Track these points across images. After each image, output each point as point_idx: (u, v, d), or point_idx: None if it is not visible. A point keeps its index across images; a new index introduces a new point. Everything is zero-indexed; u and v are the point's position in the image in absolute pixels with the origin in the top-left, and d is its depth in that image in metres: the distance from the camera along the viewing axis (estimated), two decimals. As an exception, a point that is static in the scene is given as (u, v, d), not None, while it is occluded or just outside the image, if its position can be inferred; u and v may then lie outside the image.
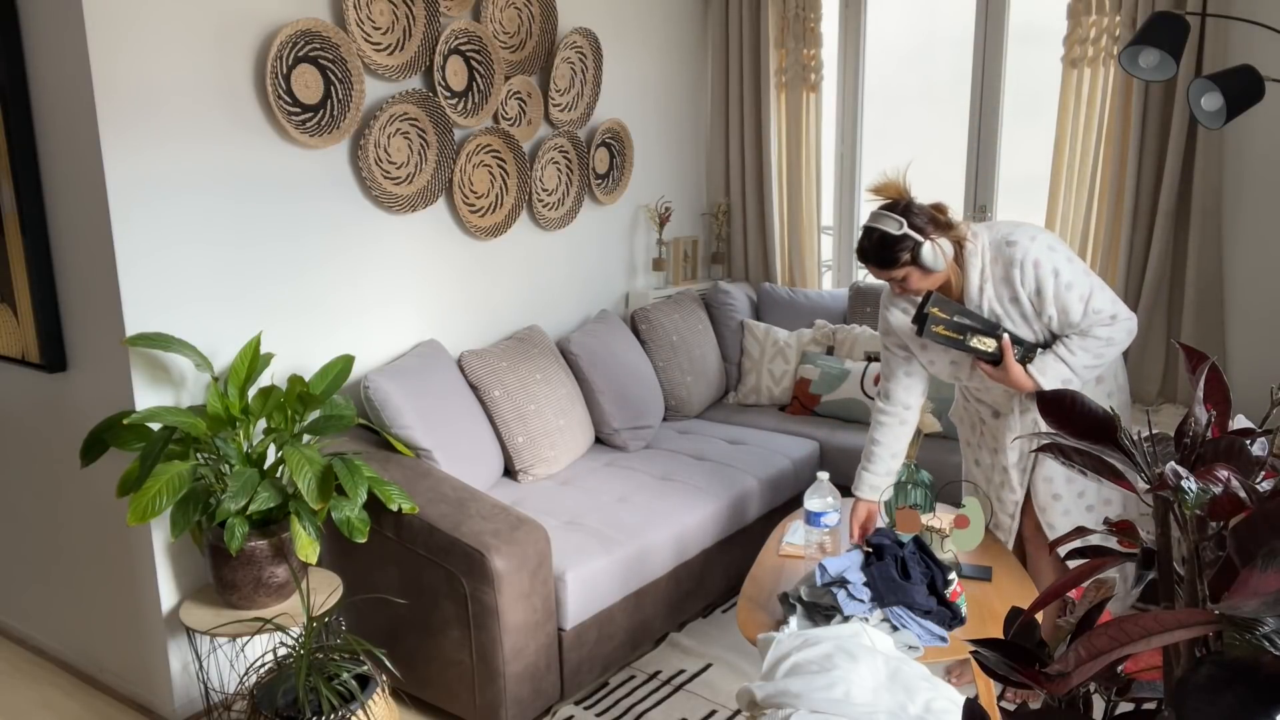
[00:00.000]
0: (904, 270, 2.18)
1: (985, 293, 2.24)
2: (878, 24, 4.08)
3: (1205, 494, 0.74)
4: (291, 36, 2.53)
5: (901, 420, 2.46)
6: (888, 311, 2.42)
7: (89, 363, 2.47)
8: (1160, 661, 0.87)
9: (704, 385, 3.84)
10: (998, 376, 2.23)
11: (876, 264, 2.18)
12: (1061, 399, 0.86)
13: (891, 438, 2.47)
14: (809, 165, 4.12)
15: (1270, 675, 0.62)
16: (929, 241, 2.15)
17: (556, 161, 3.52)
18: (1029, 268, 2.18)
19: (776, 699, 1.55)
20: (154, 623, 2.52)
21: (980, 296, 2.25)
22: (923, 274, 2.19)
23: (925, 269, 2.17)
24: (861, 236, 2.21)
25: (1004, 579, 2.28)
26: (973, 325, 2.20)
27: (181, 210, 2.43)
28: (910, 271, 2.18)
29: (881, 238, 2.15)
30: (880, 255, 2.16)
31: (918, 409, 2.49)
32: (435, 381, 2.88)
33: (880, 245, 2.16)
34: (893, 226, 2.14)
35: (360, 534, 2.26)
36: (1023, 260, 2.18)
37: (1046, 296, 2.19)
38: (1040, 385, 2.21)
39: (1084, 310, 2.19)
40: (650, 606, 2.78)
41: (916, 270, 2.18)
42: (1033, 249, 2.19)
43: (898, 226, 2.14)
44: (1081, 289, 2.19)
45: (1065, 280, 2.18)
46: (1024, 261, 2.18)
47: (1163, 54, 2.55)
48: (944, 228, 2.20)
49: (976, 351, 2.21)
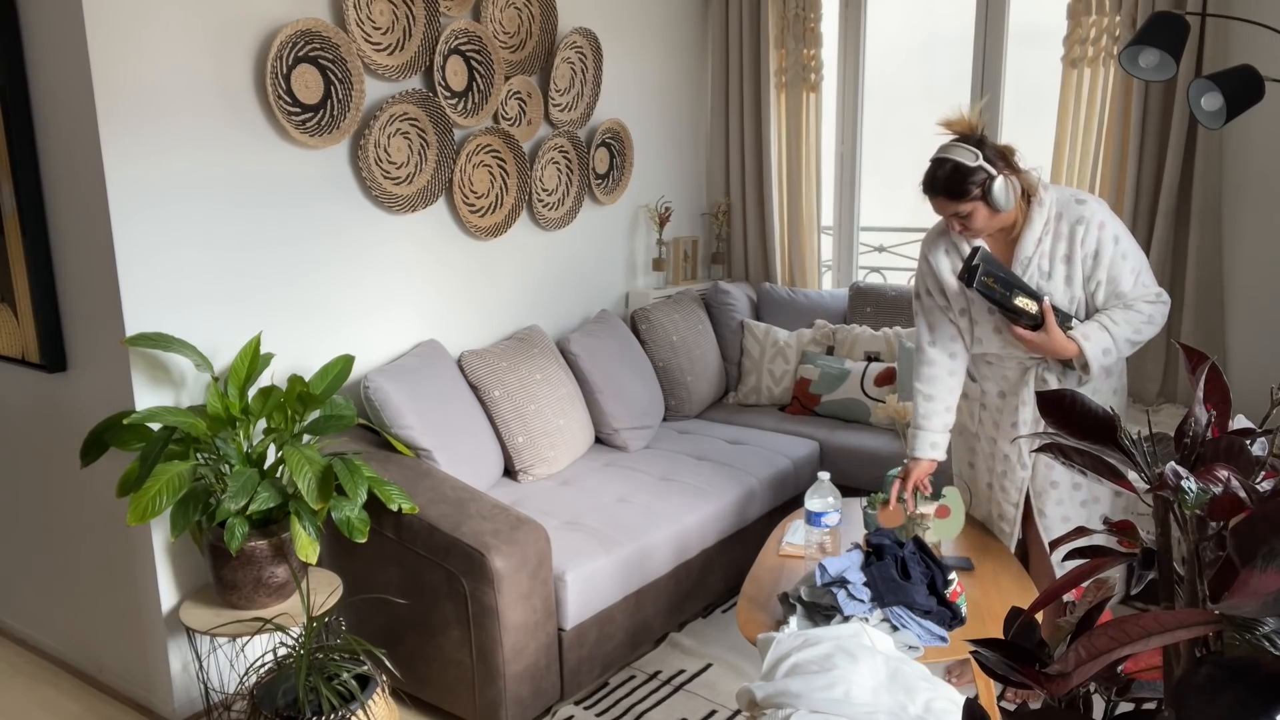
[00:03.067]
0: (971, 205, 2.12)
1: (1041, 245, 2.20)
2: (878, 24, 4.08)
3: (1205, 494, 0.74)
4: (291, 36, 2.53)
5: (950, 371, 2.39)
6: (933, 257, 2.35)
7: (89, 363, 2.47)
8: (1160, 661, 0.87)
9: (704, 385, 3.84)
10: (1036, 341, 2.17)
11: (946, 195, 2.12)
12: (1061, 399, 0.86)
13: (944, 390, 2.39)
14: (809, 165, 4.12)
15: (1270, 675, 0.62)
16: (1002, 177, 2.10)
17: (556, 161, 3.52)
18: (1094, 228, 2.15)
19: (776, 699, 1.55)
20: (154, 623, 2.52)
21: (1035, 249, 2.20)
22: (989, 212, 2.14)
23: (993, 206, 2.12)
24: (931, 167, 2.14)
25: (1002, 577, 2.28)
26: (1018, 284, 2.15)
27: (181, 210, 2.43)
28: (978, 207, 2.13)
29: (955, 168, 2.10)
30: (951, 186, 2.10)
31: (964, 360, 2.42)
32: (435, 381, 2.88)
33: (953, 175, 2.10)
34: (968, 158, 2.09)
35: (360, 534, 2.26)
36: (1090, 219, 2.15)
37: (1103, 261, 2.16)
38: (1084, 349, 2.15)
39: (1134, 283, 2.17)
40: (650, 606, 2.78)
41: (984, 207, 2.13)
42: (1100, 212, 2.17)
43: (973, 158, 2.09)
44: (1134, 262, 2.18)
45: (1123, 249, 2.16)
46: (1090, 221, 2.15)
47: (1163, 54, 2.55)
48: (1014, 170, 2.16)
49: (1018, 312, 2.15)
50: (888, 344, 3.68)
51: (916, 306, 2.44)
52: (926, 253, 2.37)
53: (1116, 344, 2.18)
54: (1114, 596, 1.12)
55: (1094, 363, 2.17)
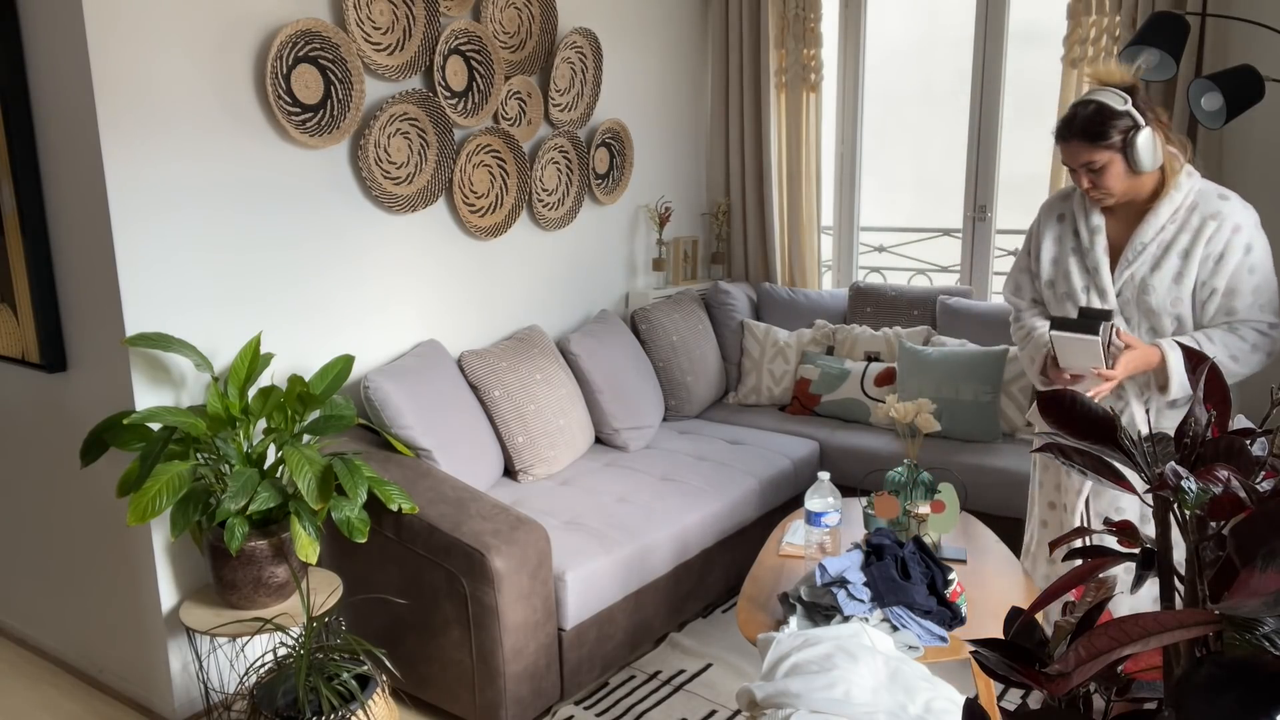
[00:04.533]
0: (1109, 155, 1.97)
1: (1164, 232, 2.03)
2: (878, 24, 4.08)
3: (1205, 494, 0.74)
4: (291, 36, 2.53)
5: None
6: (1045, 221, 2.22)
7: (89, 363, 2.47)
8: (1160, 661, 0.87)
9: (704, 385, 3.84)
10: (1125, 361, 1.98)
11: (1084, 136, 1.96)
12: (1061, 398, 0.86)
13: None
14: (809, 165, 4.12)
15: (1270, 675, 0.62)
16: (1150, 129, 1.95)
17: (556, 161, 3.52)
18: (1227, 228, 1.98)
19: (776, 699, 1.55)
20: (154, 623, 2.52)
21: (1155, 235, 2.03)
22: (1125, 170, 1.98)
23: (1133, 162, 1.96)
24: (1071, 109, 2.01)
25: (1002, 575, 2.28)
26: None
27: (181, 210, 2.43)
28: (1114, 160, 1.97)
29: (1100, 108, 1.96)
30: (1092, 127, 1.95)
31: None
32: (435, 381, 2.88)
33: (1096, 115, 1.95)
34: (1116, 101, 1.95)
35: (360, 534, 2.26)
36: (1226, 218, 1.98)
37: (1226, 267, 1.98)
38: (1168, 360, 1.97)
39: (1251, 302, 1.99)
40: (650, 606, 2.78)
41: (1122, 161, 1.97)
42: (1243, 215, 2.00)
43: (1122, 102, 1.95)
44: (1262, 279, 1.99)
45: (1254, 261, 1.99)
46: (1226, 220, 1.98)
47: (1163, 54, 2.55)
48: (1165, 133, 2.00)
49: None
50: (888, 344, 3.68)
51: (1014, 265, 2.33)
52: (1041, 215, 2.25)
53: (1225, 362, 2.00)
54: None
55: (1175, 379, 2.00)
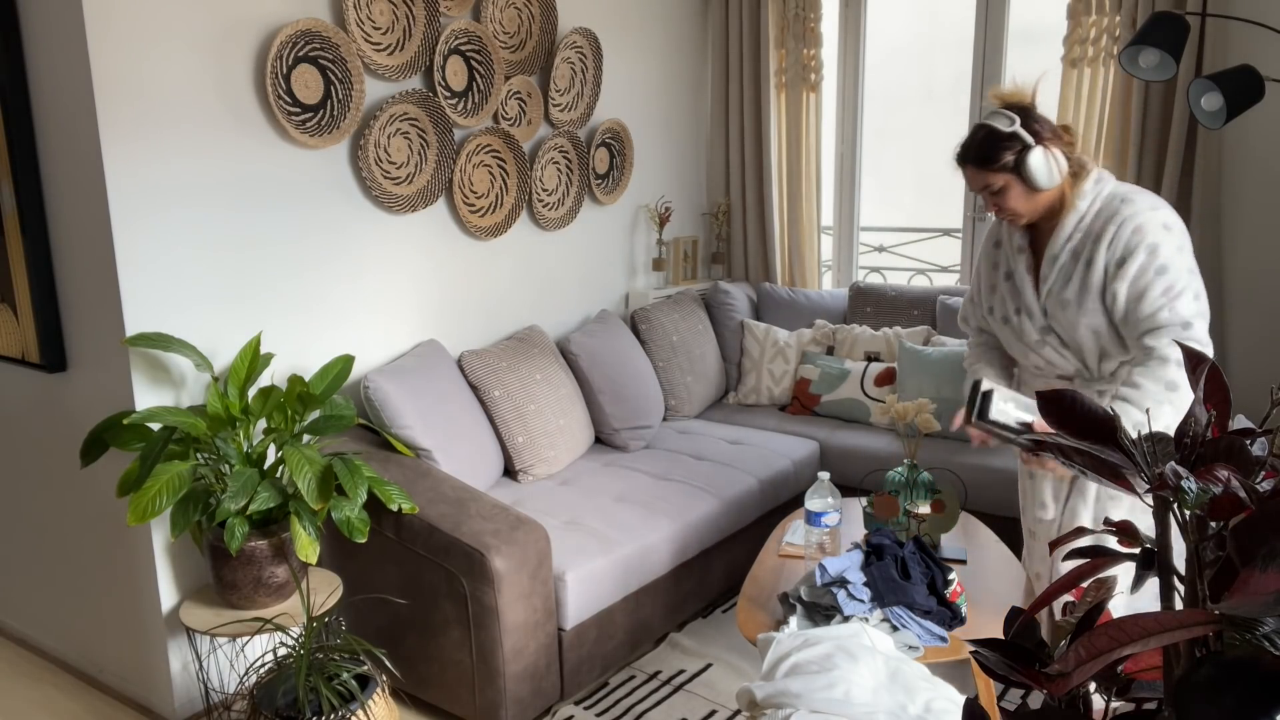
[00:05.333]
0: (1004, 177, 1.91)
1: (1070, 243, 1.95)
2: (878, 24, 4.08)
3: (1205, 494, 0.73)
4: (291, 36, 2.53)
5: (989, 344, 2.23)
6: (985, 243, 2.19)
7: (89, 363, 2.47)
8: (1160, 661, 0.87)
9: (704, 385, 3.84)
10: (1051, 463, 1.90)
11: (976, 161, 1.93)
12: (1061, 398, 0.86)
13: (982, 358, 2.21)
14: (809, 165, 4.12)
15: (1270, 675, 0.62)
16: (1040, 148, 1.88)
17: (556, 161, 3.52)
18: (1127, 231, 1.88)
19: (776, 699, 1.55)
20: (154, 623, 2.52)
21: (1064, 247, 1.96)
22: (1024, 190, 1.92)
23: (1029, 183, 1.90)
24: (967, 135, 1.97)
25: (1002, 575, 2.28)
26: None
27: (181, 210, 2.43)
28: (1011, 182, 1.91)
29: (989, 133, 1.91)
30: (982, 151, 1.91)
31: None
32: (435, 381, 2.88)
33: (985, 139, 1.91)
34: (1003, 123, 1.89)
35: (360, 534, 2.26)
36: (1126, 219, 1.88)
37: (1128, 271, 1.87)
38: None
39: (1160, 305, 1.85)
40: (650, 606, 2.78)
41: (1018, 183, 1.91)
42: (1145, 215, 1.87)
43: (1008, 124, 1.89)
44: (1174, 281, 1.85)
45: (1161, 263, 1.85)
46: (1126, 222, 1.88)
47: (1163, 54, 2.55)
48: (1065, 146, 1.93)
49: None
50: (888, 344, 3.68)
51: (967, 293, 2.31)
52: (983, 244, 2.22)
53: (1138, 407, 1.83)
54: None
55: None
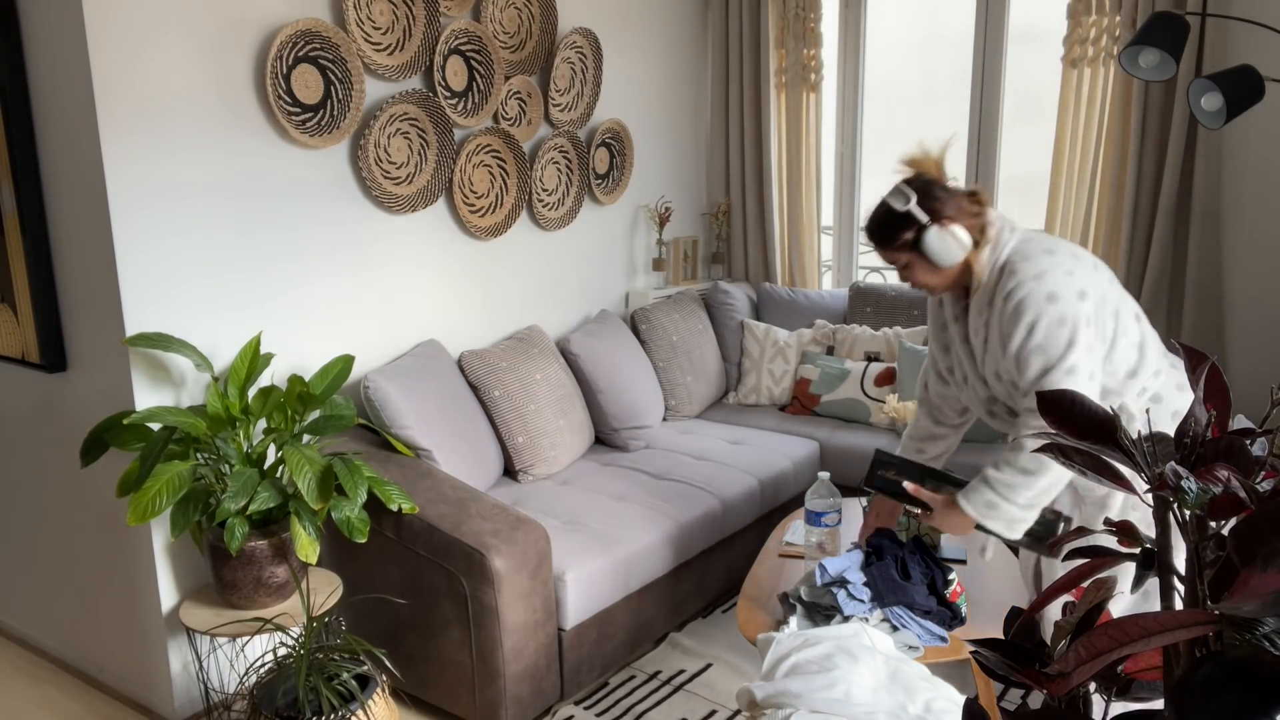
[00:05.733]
0: (905, 255, 1.89)
1: (981, 315, 1.92)
2: (878, 24, 4.08)
3: (1205, 494, 0.74)
4: (291, 36, 2.53)
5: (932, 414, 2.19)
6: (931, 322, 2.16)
7: (89, 363, 2.47)
8: (1160, 661, 0.87)
9: (704, 385, 3.84)
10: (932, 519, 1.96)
11: (876, 241, 1.91)
12: (1061, 398, 0.86)
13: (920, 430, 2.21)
14: (809, 165, 4.12)
15: (1270, 675, 0.62)
16: (936, 227, 1.83)
17: (556, 161, 3.52)
18: (1009, 308, 1.82)
19: (776, 699, 1.55)
20: (154, 623, 2.52)
21: (978, 317, 1.93)
22: (927, 266, 1.89)
23: (929, 260, 1.87)
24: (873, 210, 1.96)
25: (1002, 575, 2.28)
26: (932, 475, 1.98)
27: (181, 210, 2.43)
28: (913, 259, 1.89)
29: (885, 213, 1.88)
30: (878, 232, 1.90)
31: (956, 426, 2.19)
32: (435, 381, 2.88)
33: (882, 220, 1.89)
34: (899, 202, 1.85)
35: (360, 534, 2.26)
36: (1010, 294, 1.82)
37: (1010, 347, 1.83)
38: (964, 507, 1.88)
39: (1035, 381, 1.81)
40: (650, 606, 2.78)
41: (920, 260, 1.89)
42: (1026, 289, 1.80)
43: (904, 202, 1.85)
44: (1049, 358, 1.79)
45: (1038, 340, 1.79)
46: (1009, 296, 1.82)
47: (1163, 54, 2.55)
48: (968, 217, 1.86)
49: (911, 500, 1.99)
50: (888, 344, 3.68)
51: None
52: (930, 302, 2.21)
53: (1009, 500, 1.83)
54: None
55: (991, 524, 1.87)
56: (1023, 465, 1.82)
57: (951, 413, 2.19)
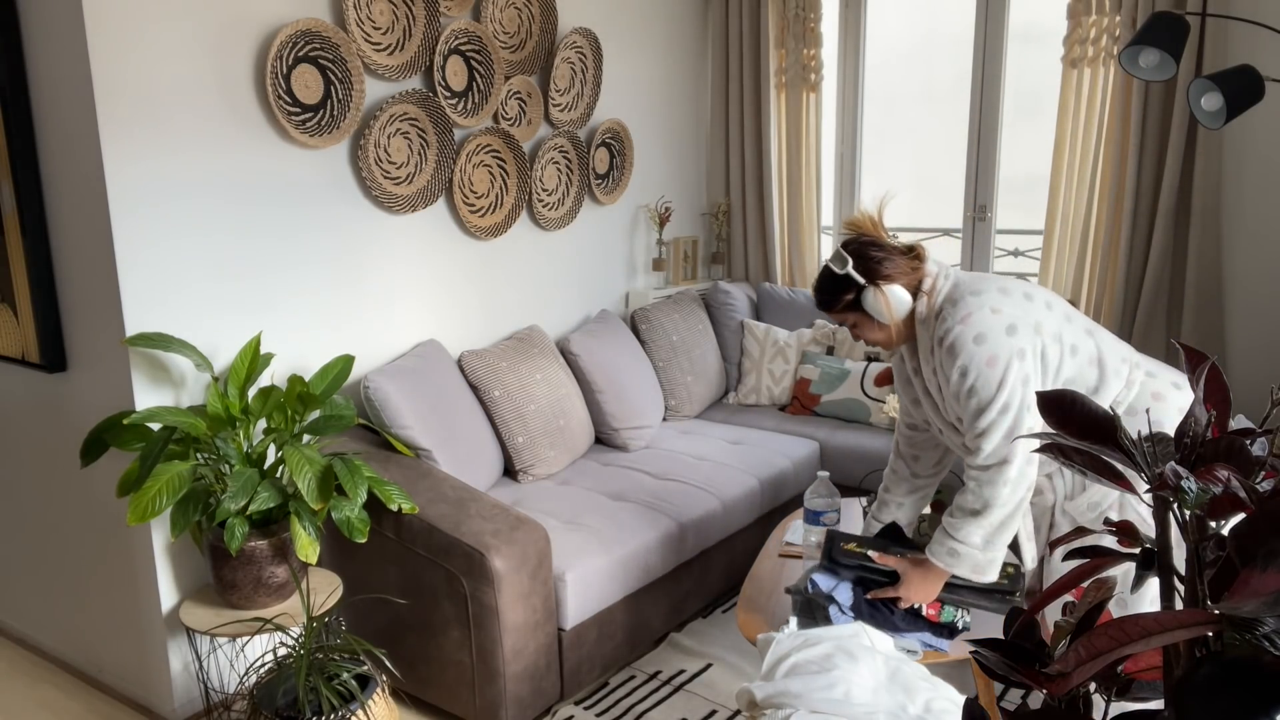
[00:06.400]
0: (851, 315, 1.94)
1: (929, 364, 1.95)
2: (878, 24, 4.08)
3: (1205, 494, 0.74)
4: (291, 36, 2.53)
5: (912, 473, 2.19)
6: (896, 374, 2.16)
7: (89, 363, 2.47)
8: (1160, 661, 0.87)
9: (704, 385, 3.84)
10: (902, 590, 1.96)
11: (821, 305, 1.97)
12: (1061, 398, 0.86)
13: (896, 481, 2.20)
14: (809, 165, 4.12)
15: (1270, 675, 0.62)
16: (873, 288, 1.88)
17: (556, 161, 3.52)
18: (943, 351, 1.86)
19: (776, 699, 1.55)
20: (154, 623, 2.52)
21: (927, 364, 1.95)
22: (871, 324, 1.94)
23: (871, 319, 1.93)
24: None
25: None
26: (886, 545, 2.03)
27: (181, 210, 2.43)
28: (859, 318, 1.94)
29: (828, 276, 1.94)
30: (822, 296, 1.95)
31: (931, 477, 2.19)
32: (435, 381, 2.88)
33: (822, 284, 1.95)
34: (837, 265, 1.91)
35: (360, 534, 2.26)
36: (942, 339, 1.86)
37: (948, 391, 1.87)
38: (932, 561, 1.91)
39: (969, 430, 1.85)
40: (650, 606, 2.78)
41: (864, 319, 1.94)
42: (954, 334, 1.83)
43: (841, 265, 1.90)
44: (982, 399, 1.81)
45: (970, 382, 1.82)
46: (941, 343, 1.86)
47: (1163, 54, 2.55)
48: (905, 274, 1.90)
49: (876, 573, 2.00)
50: (888, 344, 3.68)
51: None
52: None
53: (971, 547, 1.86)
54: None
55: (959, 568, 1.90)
56: (970, 507, 1.87)
57: (929, 462, 2.19)
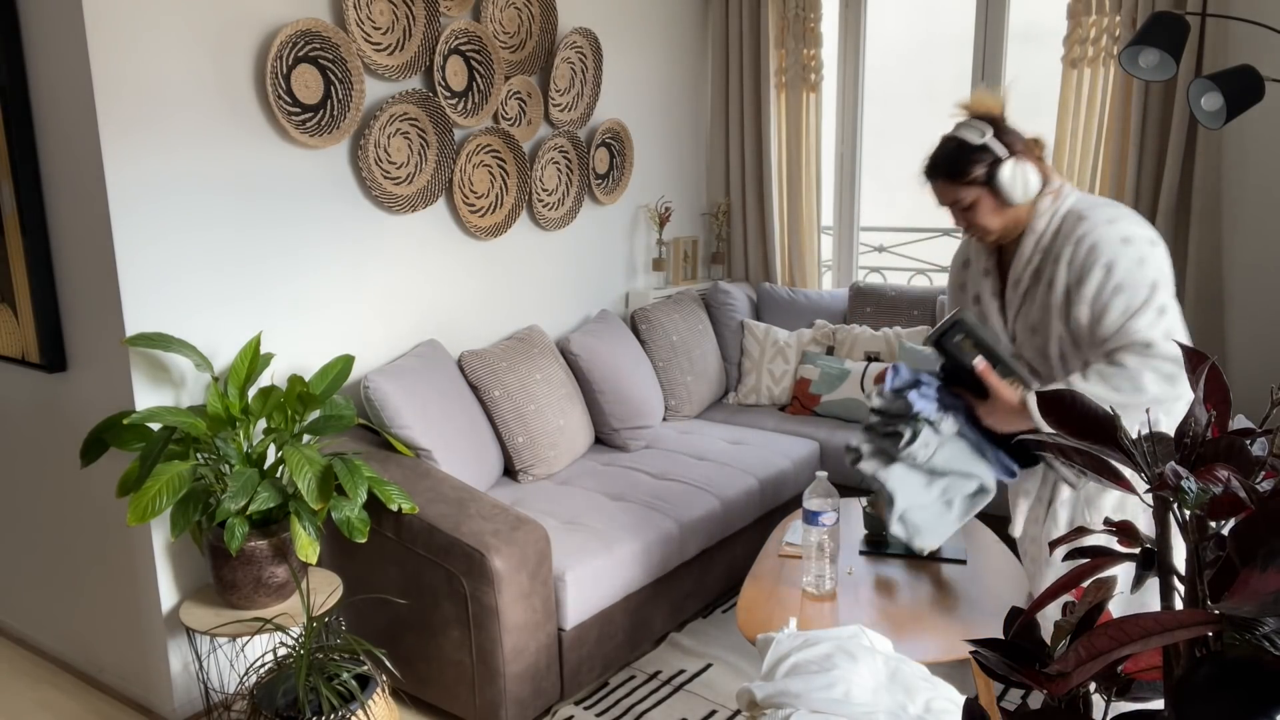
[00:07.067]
0: (975, 192, 1.81)
1: (1030, 265, 1.85)
2: (878, 24, 4.08)
3: (1205, 494, 0.73)
4: (291, 36, 2.53)
5: None
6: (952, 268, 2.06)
7: (89, 363, 2.47)
8: (1160, 661, 0.87)
9: (704, 385, 3.84)
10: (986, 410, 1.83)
11: (945, 175, 1.82)
12: (1061, 398, 0.86)
13: None
14: (809, 165, 4.12)
15: (1270, 675, 0.62)
16: (1012, 160, 1.78)
17: (556, 161, 3.51)
18: (1083, 250, 1.76)
19: (776, 699, 1.55)
20: (154, 623, 2.52)
21: (1025, 269, 1.85)
22: (995, 205, 1.82)
23: (1000, 197, 1.80)
24: (934, 148, 1.85)
25: (1002, 575, 2.28)
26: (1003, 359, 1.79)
27: (181, 210, 2.43)
28: (981, 196, 1.81)
29: (959, 144, 1.81)
30: (951, 164, 1.81)
31: None
32: (435, 381, 2.88)
33: (955, 152, 1.81)
34: (973, 135, 1.80)
35: (360, 534, 2.26)
36: (1082, 237, 1.76)
37: (1086, 293, 1.75)
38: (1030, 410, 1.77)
39: (1120, 324, 1.73)
40: (650, 606, 2.78)
41: (990, 197, 1.81)
42: (1100, 231, 1.75)
43: (979, 135, 1.79)
44: (1132, 298, 1.72)
45: (1118, 281, 1.73)
46: (1083, 239, 1.76)
47: (1163, 54, 2.55)
48: (1036, 160, 1.83)
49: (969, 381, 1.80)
50: (888, 344, 3.68)
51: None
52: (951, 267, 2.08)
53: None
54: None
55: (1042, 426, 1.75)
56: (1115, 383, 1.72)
57: None
